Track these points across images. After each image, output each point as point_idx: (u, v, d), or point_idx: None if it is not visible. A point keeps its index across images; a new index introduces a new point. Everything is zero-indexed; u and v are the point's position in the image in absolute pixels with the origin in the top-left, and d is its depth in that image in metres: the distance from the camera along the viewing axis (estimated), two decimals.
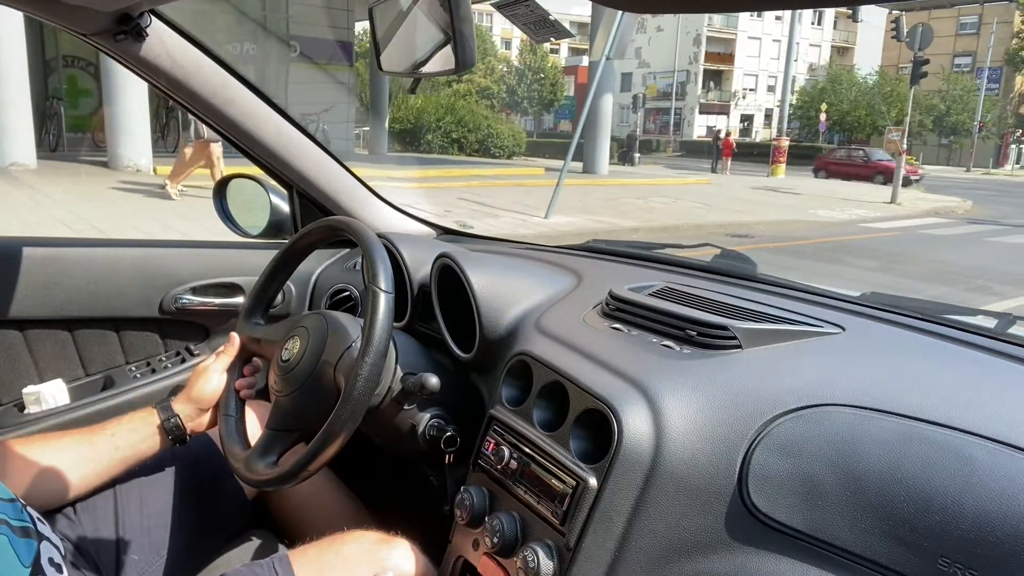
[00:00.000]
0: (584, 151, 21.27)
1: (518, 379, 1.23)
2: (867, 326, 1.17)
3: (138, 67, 1.62)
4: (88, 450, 1.33)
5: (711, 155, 31.67)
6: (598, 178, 20.44)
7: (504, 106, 43.51)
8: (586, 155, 21.27)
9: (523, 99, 54.35)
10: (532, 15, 1.16)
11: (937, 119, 49.94)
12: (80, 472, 1.31)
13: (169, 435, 1.38)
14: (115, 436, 1.35)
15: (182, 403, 1.40)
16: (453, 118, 26.21)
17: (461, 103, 28.09)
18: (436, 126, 25.90)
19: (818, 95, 49.40)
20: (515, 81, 54.01)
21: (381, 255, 1.23)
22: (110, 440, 1.34)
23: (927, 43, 17.39)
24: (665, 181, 22.15)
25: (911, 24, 18.73)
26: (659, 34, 63.96)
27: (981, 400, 0.89)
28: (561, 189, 11.56)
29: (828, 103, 45.28)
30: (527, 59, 54.70)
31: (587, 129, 22.00)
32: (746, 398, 0.96)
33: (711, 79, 64.09)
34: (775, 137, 29.21)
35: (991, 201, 21.99)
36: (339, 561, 1.27)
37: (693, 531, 0.92)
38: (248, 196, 2.05)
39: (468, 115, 26.88)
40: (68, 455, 1.32)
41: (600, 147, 21.39)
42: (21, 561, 0.99)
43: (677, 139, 55.84)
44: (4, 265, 1.71)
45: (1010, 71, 53.68)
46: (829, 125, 44.74)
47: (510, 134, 27.55)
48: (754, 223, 13.25)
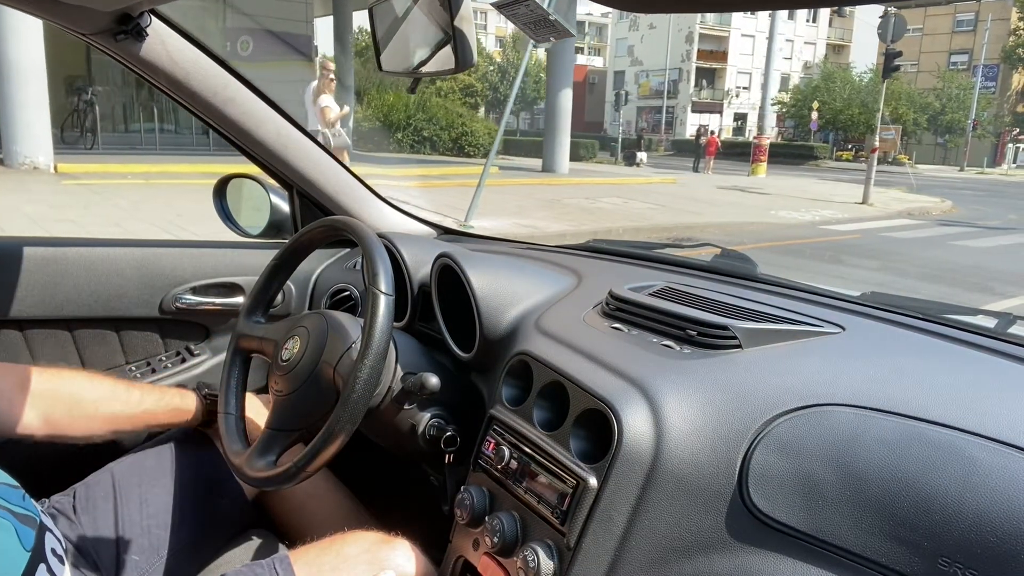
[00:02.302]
0: (543, 149, 20.87)
1: (518, 379, 1.23)
2: (867, 326, 1.17)
3: (138, 67, 1.62)
4: (121, 392, 1.45)
5: (695, 154, 31.32)
6: (556, 177, 19.85)
7: (487, 104, 42.97)
8: (545, 153, 20.78)
9: (505, 96, 53.93)
10: (532, 15, 1.16)
11: (932, 118, 49.56)
12: (106, 409, 1.42)
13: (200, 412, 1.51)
14: (146, 394, 1.47)
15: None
16: (425, 116, 25.26)
17: (434, 100, 26.85)
18: (406, 124, 24.98)
19: (811, 93, 48.89)
20: (498, 79, 53.56)
21: (381, 256, 1.23)
22: (141, 396, 1.46)
23: (900, 35, 16.71)
24: (627, 181, 21.30)
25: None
26: (652, 31, 63.42)
27: (981, 400, 0.89)
28: (483, 190, 11.13)
29: (821, 101, 44.93)
30: (510, 56, 54.03)
31: (546, 126, 21.68)
32: (746, 398, 0.96)
33: (704, 77, 63.58)
34: (755, 135, 28.78)
35: (977, 202, 21.58)
36: (339, 561, 1.27)
37: (693, 531, 0.93)
38: (248, 196, 2.05)
39: (441, 112, 25.93)
40: (101, 387, 1.43)
41: (559, 144, 20.78)
42: (23, 544, 0.99)
43: (669, 138, 55.47)
44: (4, 265, 1.71)
45: (1007, 69, 53.35)
46: (822, 124, 44.44)
47: (486, 132, 26.41)
48: (703, 225, 12.79)
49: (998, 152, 50.14)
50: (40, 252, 1.74)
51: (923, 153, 50.79)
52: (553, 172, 20.36)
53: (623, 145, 33.04)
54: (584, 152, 31.34)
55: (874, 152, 18.82)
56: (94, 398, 1.41)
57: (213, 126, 1.80)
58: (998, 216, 17.96)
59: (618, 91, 39.76)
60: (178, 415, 1.49)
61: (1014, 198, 24.59)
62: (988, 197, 24.06)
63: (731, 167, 30.22)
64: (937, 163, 49.45)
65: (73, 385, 1.40)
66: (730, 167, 30.02)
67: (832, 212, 16.17)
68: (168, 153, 17.00)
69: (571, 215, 12.80)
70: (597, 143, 33.96)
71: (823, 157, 43.35)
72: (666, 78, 61.45)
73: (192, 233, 7.76)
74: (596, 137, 39.02)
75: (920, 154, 50.39)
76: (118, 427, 1.43)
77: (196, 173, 12.33)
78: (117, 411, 1.42)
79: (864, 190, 18.20)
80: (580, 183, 18.96)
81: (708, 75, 63.88)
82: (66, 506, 1.38)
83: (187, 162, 14.71)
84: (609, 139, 37.27)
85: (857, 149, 48.00)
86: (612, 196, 16.01)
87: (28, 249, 1.73)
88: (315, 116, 11.17)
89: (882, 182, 24.11)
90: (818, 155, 43.42)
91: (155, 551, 1.39)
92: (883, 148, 44.29)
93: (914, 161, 42.92)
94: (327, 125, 11.06)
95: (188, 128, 18.88)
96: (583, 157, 30.74)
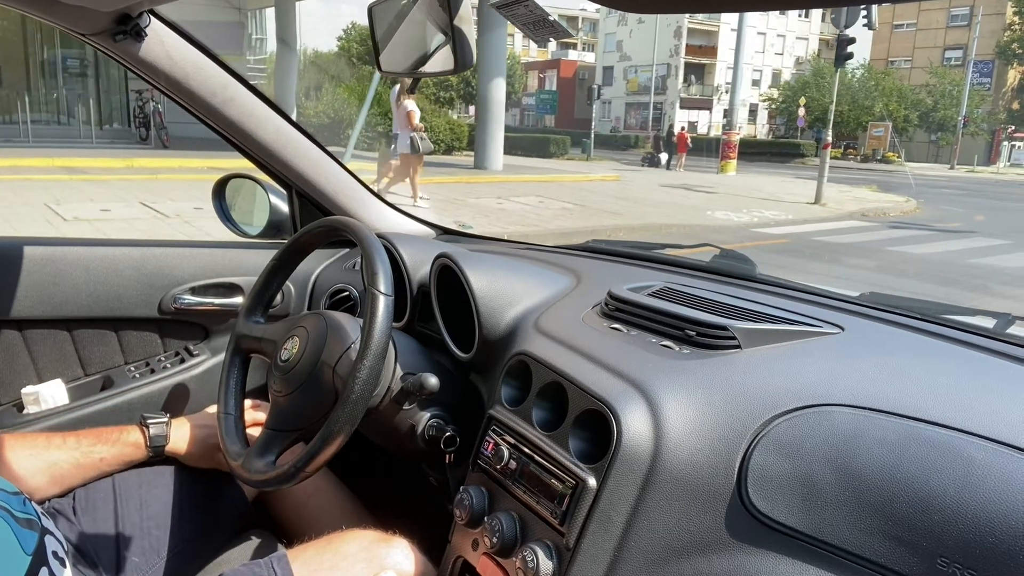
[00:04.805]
0: (475, 144, 19.52)
1: (517, 379, 1.23)
2: (866, 326, 1.18)
3: (137, 67, 1.62)
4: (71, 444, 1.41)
5: (666, 150, 30.61)
6: (488, 174, 18.44)
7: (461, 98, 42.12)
8: (476, 149, 19.42)
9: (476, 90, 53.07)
10: (531, 15, 1.16)
11: (924, 115, 49.04)
12: (59, 471, 1.38)
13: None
14: (95, 442, 1.43)
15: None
16: (379, 110, 22.97)
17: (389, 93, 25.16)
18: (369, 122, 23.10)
19: (800, 89, 48.27)
20: (471, 72, 52.87)
21: (381, 256, 1.24)
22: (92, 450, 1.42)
23: (852, 20, 15.34)
24: (563, 178, 19.95)
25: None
26: (640, 26, 62.21)
27: (980, 400, 0.89)
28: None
29: (810, 97, 44.36)
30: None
31: (476, 119, 20.31)
32: (745, 398, 0.97)
33: (693, 73, 62.68)
34: (724, 131, 27.50)
35: (951, 202, 20.53)
36: (338, 560, 1.27)
37: (692, 531, 0.93)
38: (247, 196, 2.06)
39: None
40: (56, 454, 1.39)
41: (491, 139, 19.35)
42: (23, 549, 0.99)
43: (655, 134, 55.18)
44: (4, 265, 1.71)
45: (1002, 64, 52.72)
46: (810, 121, 43.99)
47: (447, 127, 25.36)
48: (615, 227, 11.96)
49: (993, 150, 49.55)
50: (39, 252, 1.74)
51: (916, 151, 50.18)
52: (485, 169, 19.01)
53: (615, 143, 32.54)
54: (555, 149, 30.75)
55: (826, 148, 17.75)
56: (50, 462, 1.38)
57: (212, 126, 1.79)
58: (964, 218, 17.09)
59: (591, 86, 39.09)
60: (129, 454, 1.45)
61: (992, 198, 23.50)
62: (965, 197, 23.04)
63: (709, 164, 28.75)
64: (930, 161, 48.76)
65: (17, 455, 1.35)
66: (708, 164, 28.67)
67: (775, 213, 15.24)
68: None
69: (460, 217, 11.86)
70: (568, 139, 33.10)
71: (809, 155, 42.78)
72: (653, 73, 60.58)
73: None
74: (568, 133, 37.99)
75: (913, 152, 49.88)
76: (74, 484, 1.40)
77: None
78: (70, 471, 1.39)
79: (816, 189, 17.14)
80: (506, 180, 17.85)
81: (697, 71, 63.14)
82: (65, 507, 1.38)
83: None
84: (598, 136, 36.74)
85: (846, 146, 47.60)
86: (531, 195, 15.16)
87: (27, 249, 1.73)
88: (399, 119, 11.22)
89: (859, 180, 23.45)
90: (804, 152, 42.53)
91: (155, 552, 1.39)
92: (873, 145, 44.12)
93: (904, 159, 42.52)
94: (412, 129, 11.08)
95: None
96: (553, 154, 30.16)
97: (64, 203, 10.44)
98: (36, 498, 1.31)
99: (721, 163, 25.97)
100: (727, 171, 25.55)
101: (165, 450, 1.46)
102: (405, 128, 11.26)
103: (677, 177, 24.13)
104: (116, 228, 8.98)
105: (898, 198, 19.74)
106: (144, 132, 19.53)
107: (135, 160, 15.71)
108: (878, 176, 29.87)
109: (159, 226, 9.31)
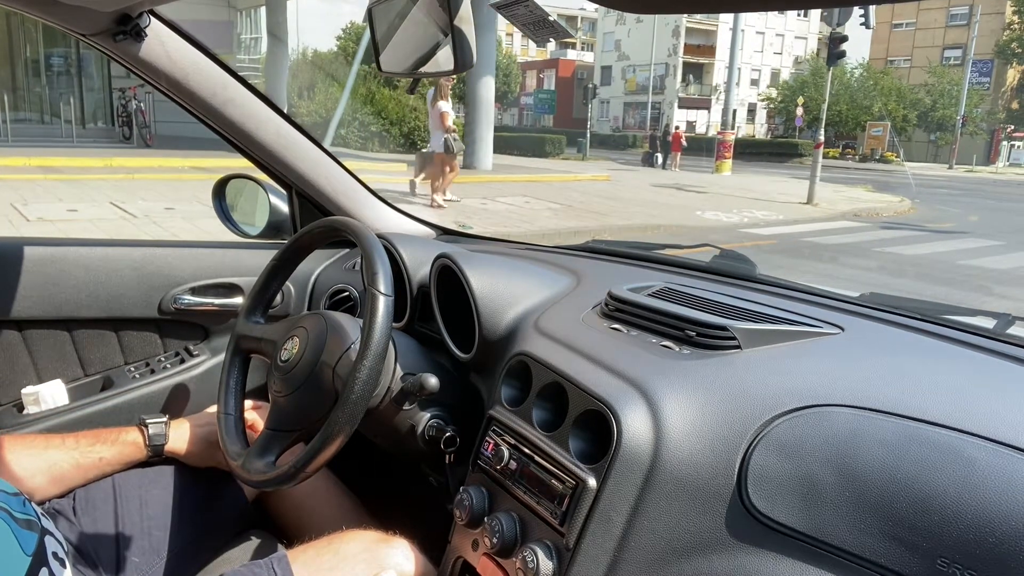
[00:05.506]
0: (465, 144, 18.79)
1: (517, 379, 1.23)
2: (866, 326, 1.18)
3: (137, 67, 1.62)
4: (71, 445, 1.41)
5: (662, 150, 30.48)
6: (477, 174, 18.07)
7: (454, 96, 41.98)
8: (466, 148, 18.62)
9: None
10: (531, 16, 1.16)
11: (922, 114, 48.91)
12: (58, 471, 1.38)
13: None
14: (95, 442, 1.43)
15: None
16: (373, 110, 23.03)
17: (384, 92, 23.79)
18: (351, 119, 22.76)
19: (799, 89, 48.10)
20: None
21: (381, 257, 1.24)
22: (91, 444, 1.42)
23: (845, 18, 15.43)
24: (553, 178, 19.63)
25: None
26: (639, 26, 62.08)
27: (980, 400, 0.89)
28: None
29: (808, 97, 44.18)
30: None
31: (466, 119, 19.93)
32: (745, 398, 0.97)
33: (691, 72, 62.64)
34: (720, 131, 27.47)
35: (946, 202, 20.39)
36: (338, 560, 1.27)
37: (692, 531, 0.93)
38: (247, 196, 2.06)
39: (392, 105, 23.12)
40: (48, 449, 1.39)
41: (480, 138, 19.08)
42: (23, 550, 1.00)
43: (651, 134, 54.93)
44: (4, 265, 1.71)
45: (1001, 64, 52.57)
46: (808, 120, 43.86)
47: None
48: (600, 228, 11.85)
49: (992, 150, 49.38)
50: (39, 252, 1.74)
51: (915, 151, 50.02)
52: (474, 169, 18.58)
53: (613, 142, 32.51)
54: (551, 148, 30.64)
55: (818, 148, 17.72)
56: (50, 463, 1.38)
57: (212, 126, 1.79)
58: (958, 218, 16.87)
59: (587, 85, 38.74)
60: (129, 454, 1.45)
61: (989, 198, 23.36)
62: (961, 197, 22.91)
63: (706, 164, 28.49)
64: (928, 161, 48.64)
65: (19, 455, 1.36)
66: (705, 164, 28.40)
67: (766, 213, 15.08)
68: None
69: (440, 219, 11.76)
70: (564, 139, 33.00)
71: (807, 154, 42.64)
72: (651, 73, 60.33)
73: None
74: (565, 133, 37.90)
75: (911, 152, 49.72)
76: (74, 484, 1.41)
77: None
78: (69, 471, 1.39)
79: (809, 189, 17.04)
80: (495, 180, 17.64)
81: (696, 70, 63.06)
82: (65, 508, 1.38)
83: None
84: (596, 136, 36.69)
85: (845, 146, 47.53)
86: (518, 196, 14.96)
87: (27, 249, 1.73)
88: (434, 121, 11.35)
89: (856, 180, 23.22)
90: (802, 152, 42.21)
91: (155, 552, 1.39)
92: (871, 145, 44.04)
93: (903, 159, 42.41)
94: (447, 130, 11.21)
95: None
96: (549, 153, 30.01)
97: (31, 203, 10.25)
98: (36, 499, 1.31)
99: (716, 163, 25.96)
100: (722, 171, 25.54)
101: (165, 450, 1.46)
102: (439, 129, 11.41)
103: (671, 177, 24.06)
104: (80, 228, 8.81)
105: (892, 198, 19.70)
106: (127, 131, 19.31)
107: (113, 160, 15.44)
108: (876, 176, 29.77)
109: (124, 227, 9.17)
